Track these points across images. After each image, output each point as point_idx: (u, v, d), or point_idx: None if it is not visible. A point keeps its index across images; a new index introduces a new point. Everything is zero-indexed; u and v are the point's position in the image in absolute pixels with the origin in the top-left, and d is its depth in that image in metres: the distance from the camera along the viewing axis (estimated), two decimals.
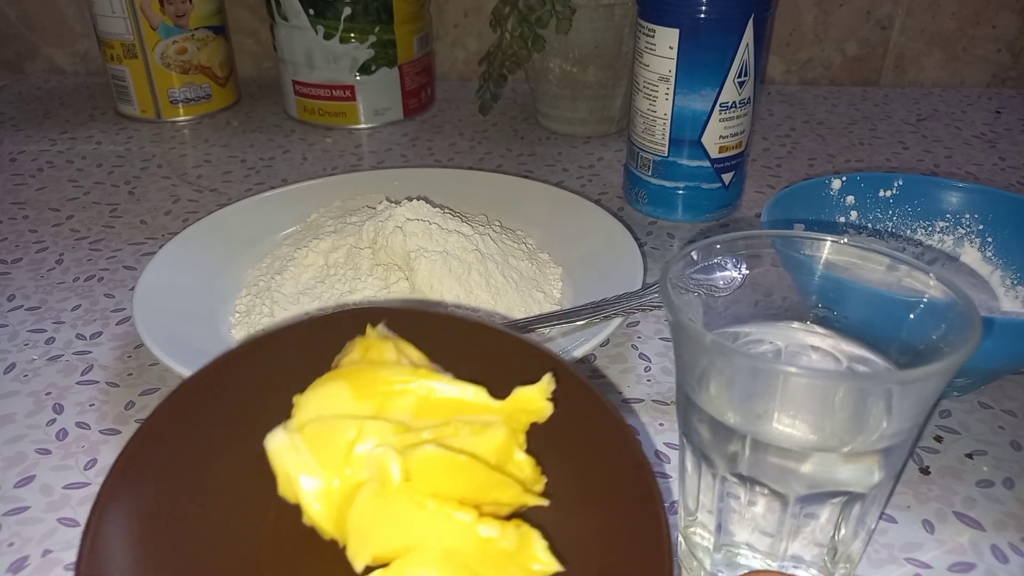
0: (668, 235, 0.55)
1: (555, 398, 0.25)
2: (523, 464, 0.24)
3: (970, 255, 0.46)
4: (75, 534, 0.33)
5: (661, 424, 0.39)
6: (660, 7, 0.50)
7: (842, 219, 0.47)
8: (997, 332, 0.33)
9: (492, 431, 0.24)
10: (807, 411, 0.25)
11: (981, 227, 0.45)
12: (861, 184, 0.47)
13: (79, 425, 0.39)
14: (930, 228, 0.47)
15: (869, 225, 0.47)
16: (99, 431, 0.39)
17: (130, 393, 0.41)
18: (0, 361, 0.44)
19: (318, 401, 0.25)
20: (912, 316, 0.28)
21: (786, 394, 0.24)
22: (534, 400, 0.25)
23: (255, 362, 0.28)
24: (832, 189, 0.47)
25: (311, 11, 0.69)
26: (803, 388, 0.24)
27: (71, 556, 0.32)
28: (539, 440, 0.26)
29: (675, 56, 0.50)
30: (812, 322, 0.30)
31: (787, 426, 0.25)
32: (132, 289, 0.44)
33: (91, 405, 0.40)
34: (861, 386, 0.25)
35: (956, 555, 0.32)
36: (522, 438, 0.25)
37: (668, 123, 0.53)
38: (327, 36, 0.70)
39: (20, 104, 0.82)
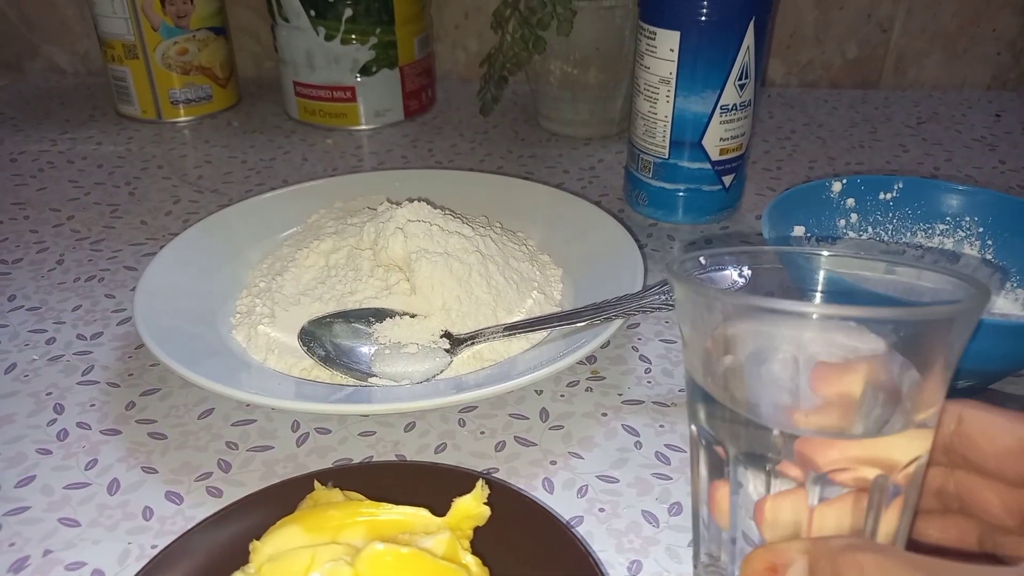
0: (668, 237, 0.55)
1: (493, 507, 0.29)
2: (470, 564, 0.28)
3: (969, 256, 0.46)
4: (75, 534, 0.33)
5: (661, 426, 0.39)
6: (661, 9, 0.50)
7: (842, 222, 0.47)
8: (997, 333, 0.33)
9: (438, 536, 0.28)
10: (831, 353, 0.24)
11: (981, 230, 0.45)
12: (861, 187, 0.47)
13: (80, 425, 0.39)
14: (930, 231, 0.47)
15: (869, 228, 0.48)
16: (100, 431, 0.39)
17: (131, 393, 0.41)
18: (1, 361, 0.44)
19: (274, 543, 0.27)
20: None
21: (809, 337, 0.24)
22: (472, 506, 0.29)
23: (214, 535, 0.30)
24: (832, 191, 0.47)
25: (312, 12, 0.69)
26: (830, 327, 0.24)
27: (71, 556, 0.32)
28: (487, 550, 0.29)
29: (676, 58, 0.50)
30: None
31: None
32: (133, 289, 0.44)
33: (92, 405, 0.40)
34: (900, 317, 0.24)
35: None
36: (467, 543, 0.29)
37: (669, 125, 0.53)
38: (328, 37, 0.70)
39: (20, 104, 0.82)
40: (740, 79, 0.51)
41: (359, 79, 0.72)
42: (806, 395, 0.25)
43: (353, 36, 0.70)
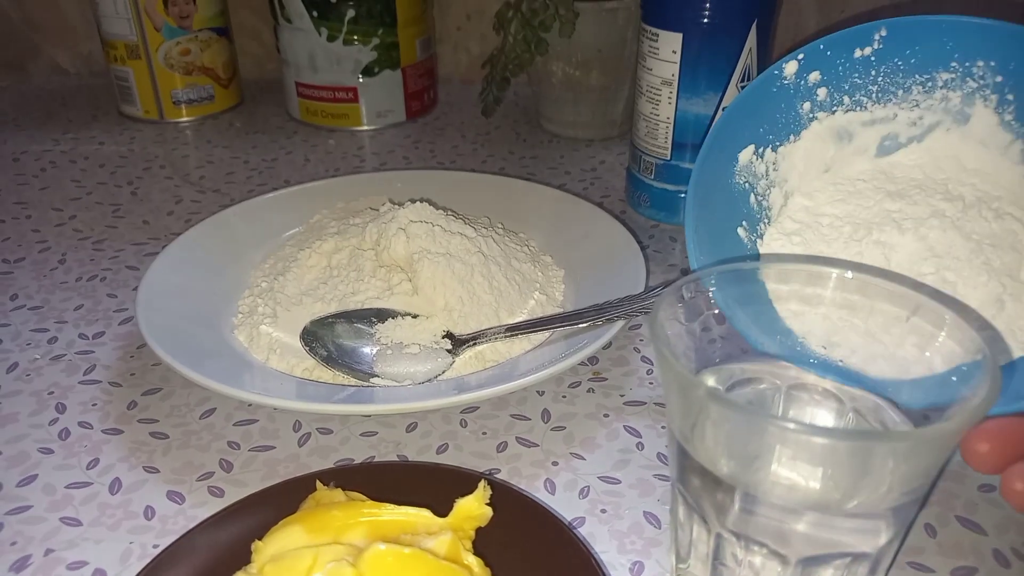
0: (670, 239, 0.55)
1: (495, 507, 0.29)
2: (472, 565, 0.27)
3: (983, 118, 0.36)
4: (77, 533, 0.33)
5: (663, 427, 0.39)
6: (663, 11, 0.50)
7: (806, 106, 0.38)
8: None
9: (440, 537, 0.28)
10: (806, 465, 0.24)
11: (999, 79, 0.35)
12: (827, 52, 0.37)
13: (81, 425, 0.39)
14: (929, 85, 0.36)
15: (845, 98, 0.38)
16: (101, 431, 0.39)
17: (132, 393, 0.41)
18: (3, 360, 0.44)
19: (276, 543, 0.27)
20: (926, 354, 0.27)
21: (784, 448, 0.24)
22: (474, 507, 0.29)
23: (216, 535, 0.30)
24: (786, 77, 0.37)
25: (314, 13, 0.69)
26: (802, 443, 0.23)
27: (73, 555, 0.32)
28: (489, 551, 0.29)
29: (678, 60, 0.50)
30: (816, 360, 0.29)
31: (785, 480, 0.24)
32: (135, 289, 0.44)
33: (93, 405, 0.40)
34: (864, 445, 0.23)
35: (958, 559, 0.32)
36: (469, 543, 0.28)
37: (671, 127, 0.53)
38: (330, 38, 0.70)
39: (23, 104, 0.82)
40: (742, 81, 0.51)
41: (361, 80, 0.72)
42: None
43: (355, 37, 0.70)
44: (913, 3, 0.78)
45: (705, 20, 0.49)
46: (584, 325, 0.41)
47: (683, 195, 0.55)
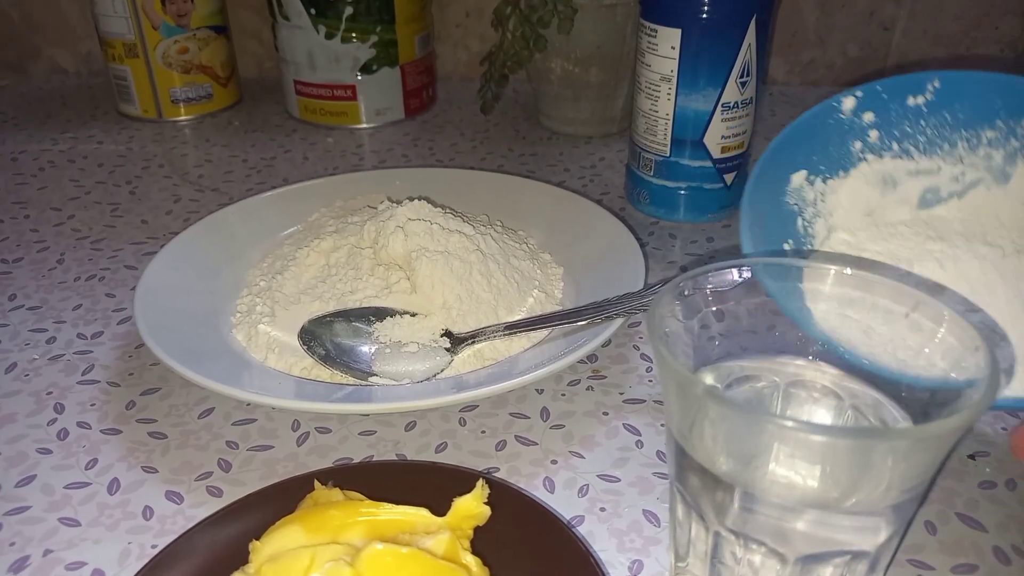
0: (670, 235, 0.55)
1: (494, 506, 0.29)
2: (470, 564, 0.27)
3: None
4: (76, 534, 0.33)
5: (663, 424, 0.39)
6: (662, 7, 0.50)
7: (858, 145, 0.39)
8: None
9: (438, 536, 0.28)
10: (805, 463, 0.23)
11: None
12: (883, 95, 0.38)
13: (80, 425, 0.39)
14: (974, 141, 0.38)
15: (894, 144, 0.39)
16: (100, 431, 0.39)
17: (131, 393, 0.41)
18: (1, 360, 0.44)
19: (274, 543, 0.27)
20: (926, 350, 0.26)
21: (783, 447, 0.23)
22: (472, 506, 0.29)
23: (214, 535, 0.30)
24: (843, 111, 0.39)
25: (313, 11, 0.69)
26: (801, 441, 0.23)
27: (72, 556, 0.32)
28: (488, 550, 0.29)
29: (677, 56, 0.50)
30: (815, 357, 0.29)
31: (783, 478, 0.24)
32: (133, 289, 0.44)
33: (92, 405, 0.40)
34: (863, 443, 0.23)
35: (958, 557, 0.32)
36: (467, 542, 0.29)
37: (670, 123, 0.53)
38: (328, 36, 0.70)
39: (22, 104, 0.82)
40: (741, 77, 0.51)
41: (360, 78, 0.72)
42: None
43: (353, 35, 0.70)
44: (914, 3, 0.77)
45: (704, 16, 0.49)
46: (583, 323, 0.41)
47: (682, 192, 0.55)
